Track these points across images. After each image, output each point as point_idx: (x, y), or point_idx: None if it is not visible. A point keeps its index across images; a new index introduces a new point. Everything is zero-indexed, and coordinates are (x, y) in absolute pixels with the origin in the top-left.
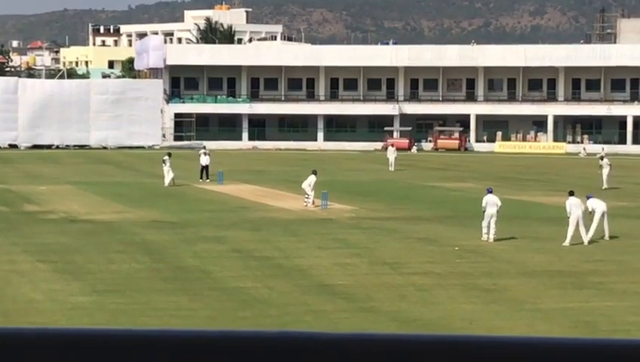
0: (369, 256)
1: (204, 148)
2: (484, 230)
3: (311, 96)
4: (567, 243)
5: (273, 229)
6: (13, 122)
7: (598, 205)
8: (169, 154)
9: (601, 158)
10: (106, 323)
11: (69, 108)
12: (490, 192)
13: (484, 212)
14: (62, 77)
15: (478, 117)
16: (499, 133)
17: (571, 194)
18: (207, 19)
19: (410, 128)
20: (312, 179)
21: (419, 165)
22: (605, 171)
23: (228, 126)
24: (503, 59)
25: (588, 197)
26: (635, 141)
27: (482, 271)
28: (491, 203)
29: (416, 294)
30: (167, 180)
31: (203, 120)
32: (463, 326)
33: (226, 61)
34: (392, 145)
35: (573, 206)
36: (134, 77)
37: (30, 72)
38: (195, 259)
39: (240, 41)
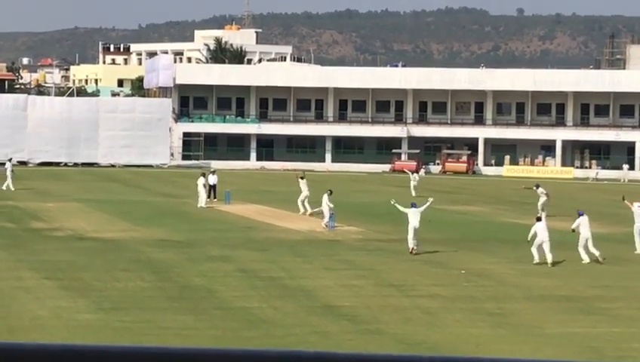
0: (375, 278)
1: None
2: (411, 243)
3: (319, 118)
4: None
5: (279, 249)
6: (22, 139)
7: (584, 227)
8: (203, 174)
9: (537, 186)
10: (111, 341)
11: (78, 126)
12: (414, 206)
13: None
14: (71, 95)
15: (487, 140)
16: (507, 157)
17: (538, 220)
18: (217, 39)
19: (418, 151)
20: (326, 198)
21: (426, 188)
22: (541, 200)
23: (236, 146)
24: (512, 84)
25: (580, 214)
26: None
27: (488, 294)
28: (414, 216)
29: (422, 317)
30: (202, 202)
31: (211, 139)
32: (468, 349)
33: (235, 81)
34: (412, 172)
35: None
36: (143, 95)
37: (40, 90)
38: (201, 279)
39: (249, 61)
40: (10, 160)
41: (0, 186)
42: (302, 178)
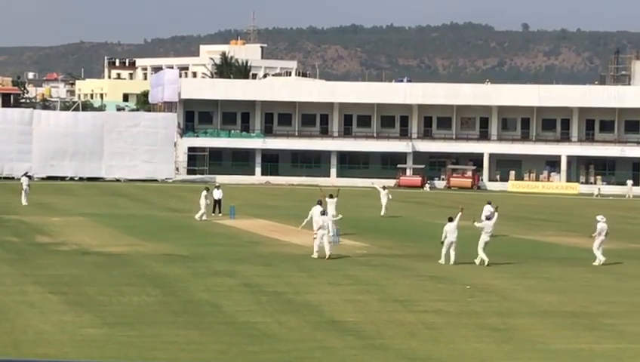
0: (380, 293)
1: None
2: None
3: (324, 132)
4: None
5: (284, 264)
6: (28, 153)
7: (487, 225)
8: (207, 189)
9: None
10: (116, 356)
11: (83, 140)
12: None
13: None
14: (77, 109)
15: (492, 156)
16: (512, 173)
17: (450, 220)
18: (223, 54)
19: (423, 166)
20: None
21: (431, 203)
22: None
23: (241, 160)
24: (517, 99)
25: (487, 218)
26: None
27: (493, 310)
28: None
29: (426, 332)
30: (203, 216)
31: (216, 154)
32: None
33: (241, 96)
34: (384, 187)
35: (449, 231)
36: (149, 110)
37: (45, 104)
38: (205, 293)
39: (255, 76)
40: (26, 174)
41: (21, 203)
42: (331, 196)
